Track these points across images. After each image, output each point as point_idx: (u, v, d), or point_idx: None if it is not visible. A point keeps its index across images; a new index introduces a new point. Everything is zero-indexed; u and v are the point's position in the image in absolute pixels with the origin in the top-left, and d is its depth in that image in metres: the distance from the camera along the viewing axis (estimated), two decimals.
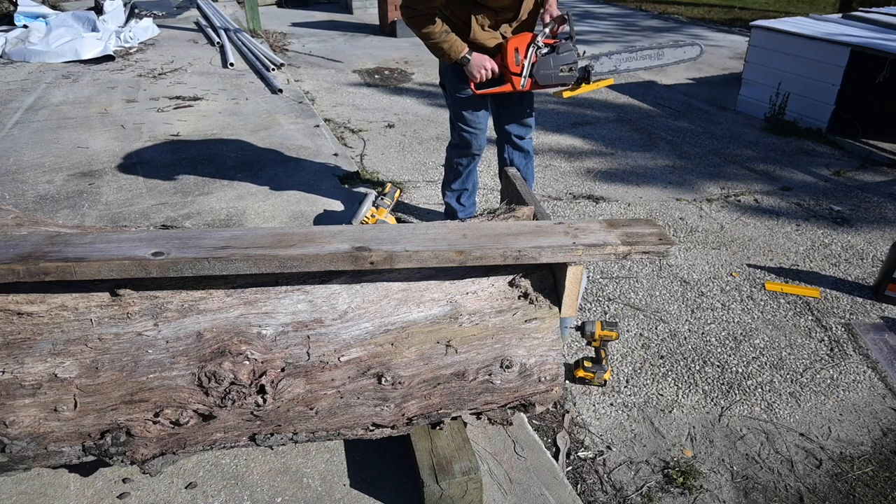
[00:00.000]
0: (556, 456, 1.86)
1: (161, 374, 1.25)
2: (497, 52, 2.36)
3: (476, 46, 2.36)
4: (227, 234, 1.34)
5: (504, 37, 2.38)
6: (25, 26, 6.60)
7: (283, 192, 3.40)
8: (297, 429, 1.34)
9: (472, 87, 2.40)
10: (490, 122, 2.66)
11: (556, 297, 1.48)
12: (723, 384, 2.17)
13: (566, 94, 2.45)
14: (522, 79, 2.32)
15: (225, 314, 1.30)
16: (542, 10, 2.38)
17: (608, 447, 1.91)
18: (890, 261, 2.60)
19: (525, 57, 2.30)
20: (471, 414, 1.46)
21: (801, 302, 2.63)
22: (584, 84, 2.40)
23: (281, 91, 5.20)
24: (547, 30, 2.31)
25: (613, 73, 2.39)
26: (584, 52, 2.38)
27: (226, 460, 1.69)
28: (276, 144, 4.08)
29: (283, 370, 1.29)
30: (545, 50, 2.30)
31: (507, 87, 2.38)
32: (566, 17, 2.30)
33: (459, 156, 2.72)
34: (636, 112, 5.19)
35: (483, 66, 2.32)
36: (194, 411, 1.27)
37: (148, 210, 3.17)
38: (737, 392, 2.13)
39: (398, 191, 3.17)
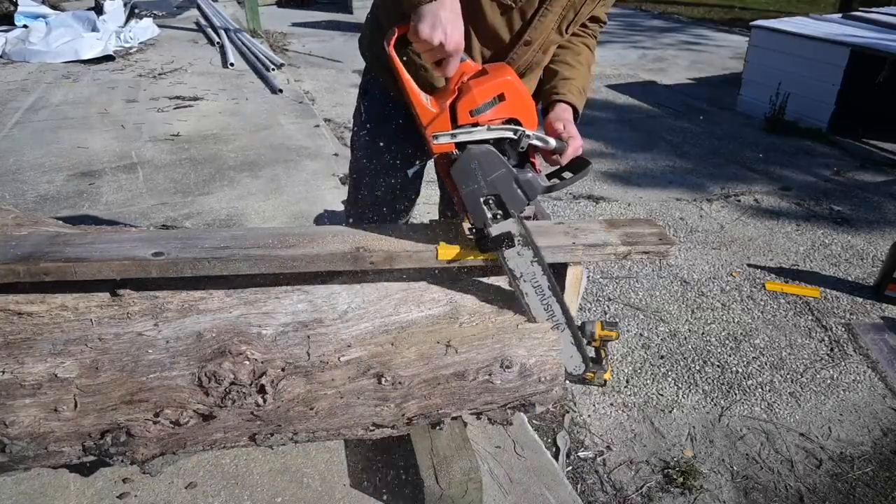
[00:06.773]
0: (556, 456, 1.86)
1: (161, 374, 1.25)
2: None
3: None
4: (227, 234, 1.34)
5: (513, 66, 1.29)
6: (25, 26, 6.59)
7: (283, 192, 3.40)
8: (297, 429, 1.34)
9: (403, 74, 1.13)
10: None
11: None
12: (723, 384, 2.17)
13: (440, 257, 1.32)
14: (433, 139, 1.15)
15: (225, 314, 1.30)
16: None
17: (608, 447, 1.91)
18: (890, 261, 2.60)
19: (475, 122, 1.13)
20: (471, 414, 1.46)
21: (801, 302, 2.63)
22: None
23: (281, 91, 5.20)
24: (549, 140, 1.22)
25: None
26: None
27: (226, 460, 1.69)
28: (276, 144, 4.08)
29: (283, 370, 1.28)
30: (513, 158, 1.19)
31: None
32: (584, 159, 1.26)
33: None
34: (636, 112, 5.19)
35: (445, 25, 1.04)
36: (194, 411, 1.27)
37: (148, 210, 3.17)
38: (737, 392, 2.13)
39: None
